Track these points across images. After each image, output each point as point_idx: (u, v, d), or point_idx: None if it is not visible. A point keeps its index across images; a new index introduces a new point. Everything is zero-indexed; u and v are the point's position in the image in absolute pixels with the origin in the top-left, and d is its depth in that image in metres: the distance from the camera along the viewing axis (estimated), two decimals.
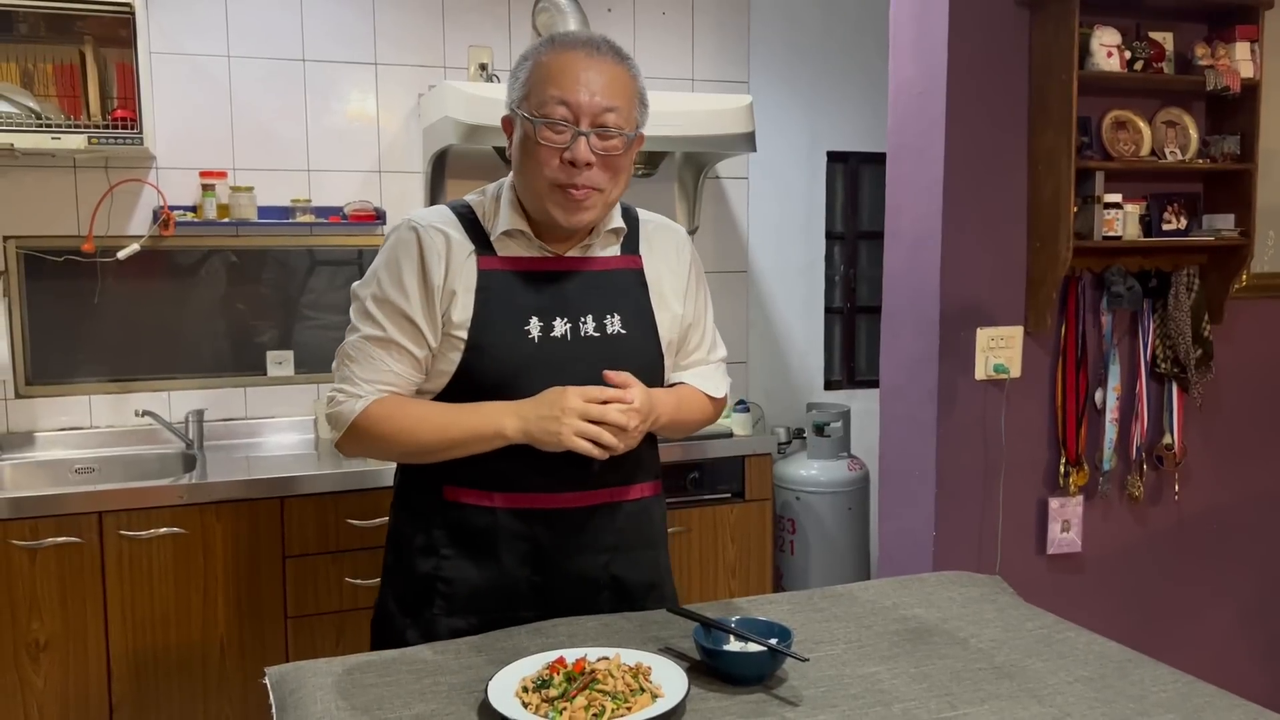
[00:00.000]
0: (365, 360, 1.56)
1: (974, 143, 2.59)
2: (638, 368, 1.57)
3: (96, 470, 3.03)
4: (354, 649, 2.68)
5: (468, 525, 1.57)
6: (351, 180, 3.36)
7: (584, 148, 1.47)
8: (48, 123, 2.78)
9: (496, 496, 1.55)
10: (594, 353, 1.55)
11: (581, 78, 1.47)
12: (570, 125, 1.47)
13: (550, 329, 1.54)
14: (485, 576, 1.57)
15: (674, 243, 1.71)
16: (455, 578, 1.57)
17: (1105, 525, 2.83)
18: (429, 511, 1.60)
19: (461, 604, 1.57)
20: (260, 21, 3.23)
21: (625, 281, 1.62)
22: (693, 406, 1.70)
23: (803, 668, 1.36)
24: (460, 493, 1.57)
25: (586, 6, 3.45)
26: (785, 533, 3.72)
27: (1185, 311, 2.75)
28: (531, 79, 1.50)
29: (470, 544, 1.57)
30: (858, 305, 4.14)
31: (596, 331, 1.57)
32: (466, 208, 1.60)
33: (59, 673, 2.61)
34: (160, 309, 3.20)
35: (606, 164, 1.50)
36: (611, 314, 1.58)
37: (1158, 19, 2.69)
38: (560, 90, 1.46)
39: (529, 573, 1.57)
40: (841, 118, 3.96)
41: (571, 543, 1.58)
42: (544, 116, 1.47)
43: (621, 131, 1.49)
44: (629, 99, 1.51)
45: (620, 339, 1.58)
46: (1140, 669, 1.39)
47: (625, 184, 1.57)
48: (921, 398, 2.67)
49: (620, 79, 1.50)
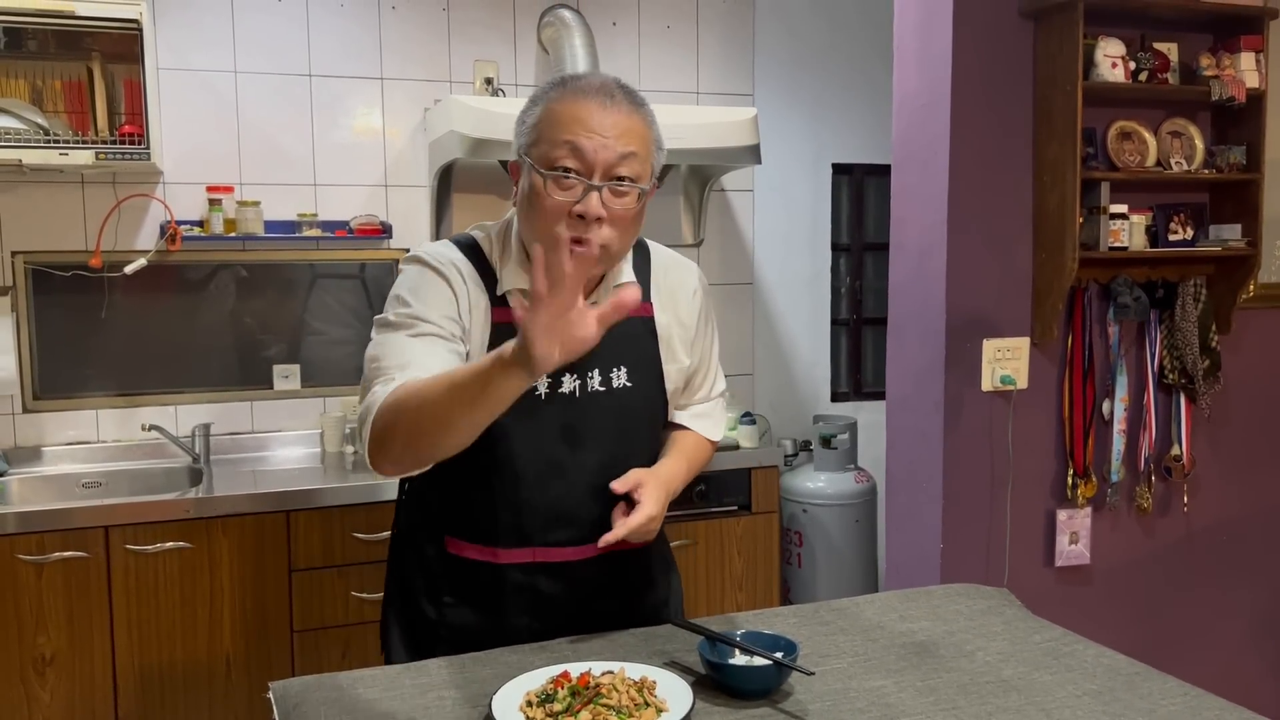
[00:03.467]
0: (395, 351, 1.42)
1: (979, 154, 2.58)
2: (640, 420, 1.57)
3: (103, 484, 3.04)
4: (360, 663, 2.69)
5: (470, 578, 1.55)
6: (358, 194, 3.37)
7: (595, 202, 1.38)
8: (56, 138, 2.80)
9: (500, 553, 1.53)
10: (599, 407, 1.53)
11: (594, 126, 1.38)
12: (581, 179, 1.38)
13: (559, 384, 1.50)
14: (486, 626, 1.55)
15: (687, 287, 1.65)
16: (457, 624, 1.56)
17: (1114, 537, 2.82)
18: (431, 559, 1.58)
19: (463, 650, 1.53)
20: (267, 37, 3.25)
21: (634, 331, 1.56)
22: (697, 460, 1.67)
23: (809, 681, 1.36)
24: (463, 546, 1.55)
25: (591, 20, 3.47)
26: (792, 545, 3.71)
27: (1192, 322, 2.74)
28: (541, 125, 1.42)
29: (472, 595, 1.56)
30: (864, 317, 4.13)
31: (602, 386, 1.53)
32: (475, 247, 1.54)
33: (65, 687, 2.61)
34: (167, 323, 3.21)
35: (617, 220, 1.41)
36: (618, 367, 1.54)
37: (1162, 30, 2.69)
38: (572, 138, 1.38)
39: (529, 621, 1.55)
40: (846, 129, 3.97)
41: (576, 593, 1.56)
42: (553, 169, 1.39)
43: (636, 184, 1.41)
44: (645, 147, 1.43)
45: (626, 392, 1.55)
46: (1149, 682, 1.38)
47: (636, 235, 1.50)
48: (928, 409, 2.66)
49: (635, 127, 1.42)
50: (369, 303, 3.40)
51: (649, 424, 1.59)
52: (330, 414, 3.30)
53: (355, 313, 3.40)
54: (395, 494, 1.72)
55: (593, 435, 1.51)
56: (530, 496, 1.51)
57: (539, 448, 1.49)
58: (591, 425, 1.51)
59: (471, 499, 1.53)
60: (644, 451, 1.59)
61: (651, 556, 1.68)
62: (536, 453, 1.50)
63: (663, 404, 1.62)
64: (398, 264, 1.55)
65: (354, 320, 3.39)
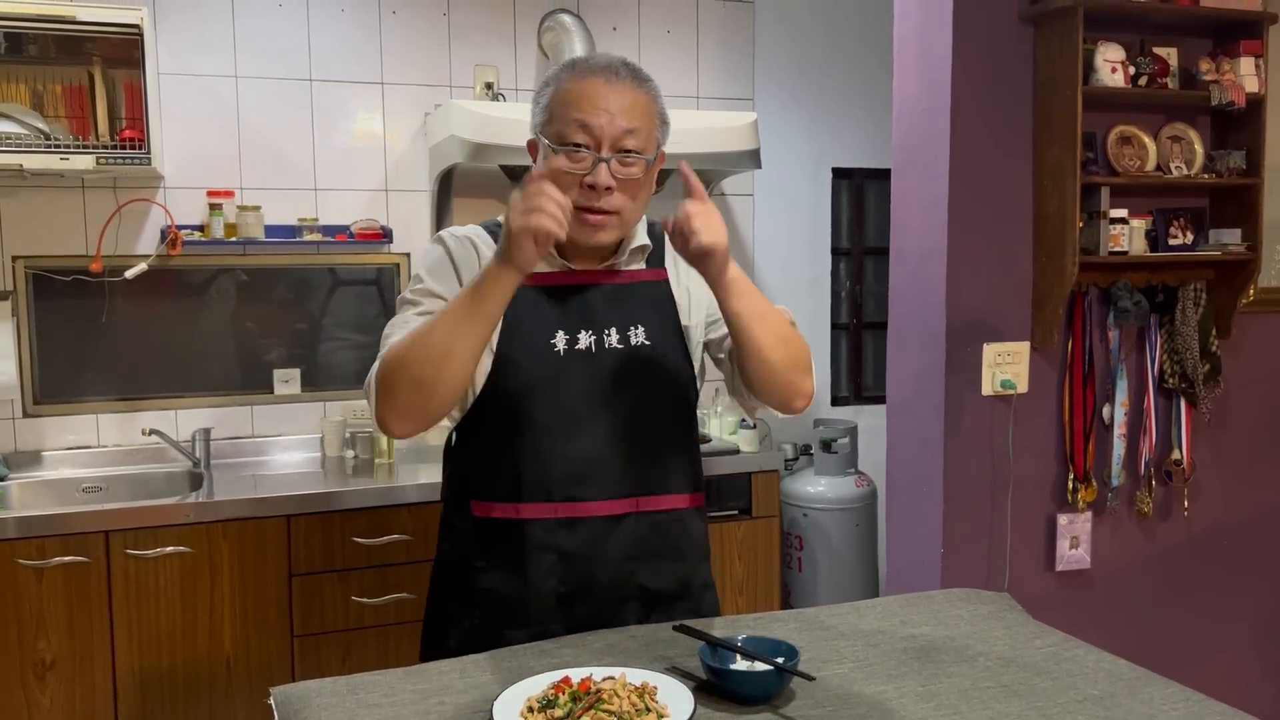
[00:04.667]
0: (401, 325, 1.51)
1: (979, 158, 2.59)
2: (661, 378, 1.61)
3: (104, 489, 3.04)
4: (360, 668, 2.68)
5: (496, 538, 1.60)
6: (358, 199, 3.37)
7: (604, 173, 1.49)
8: (56, 143, 2.80)
9: (523, 508, 1.58)
10: (618, 363, 1.59)
11: (601, 103, 1.49)
12: (591, 151, 1.49)
13: (575, 341, 1.58)
14: (514, 589, 1.59)
15: None
16: (488, 588, 1.61)
17: (1114, 541, 2.82)
18: (461, 528, 1.64)
19: (500, 615, 1.59)
20: (267, 42, 3.25)
21: (650, 294, 1.64)
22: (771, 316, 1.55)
23: (810, 687, 1.35)
24: (488, 507, 1.60)
25: (592, 25, 3.47)
26: (792, 550, 3.71)
27: (1192, 326, 2.74)
28: (552, 104, 1.53)
29: (500, 556, 1.60)
30: (864, 321, 4.14)
31: (620, 343, 1.60)
32: (497, 225, 1.63)
33: (65, 692, 2.60)
34: (168, 328, 3.21)
35: (626, 187, 1.52)
36: (635, 326, 1.61)
37: (1162, 34, 2.69)
38: (581, 115, 1.49)
39: (555, 583, 1.59)
40: (846, 134, 3.97)
41: (596, 551, 1.59)
42: (564, 144, 1.50)
43: (642, 155, 1.52)
44: (649, 121, 1.54)
45: (644, 349, 1.61)
46: (1150, 687, 1.38)
47: (646, 200, 1.60)
48: (928, 414, 2.66)
49: (640, 102, 1.53)
50: (369, 307, 3.40)
51: (670, 382, 1.63)
52: (331, 418, 3.30)
53: (356, 317, 3.40)
54: (396, 500, 1.75)
55: (612, 391, 1.57)
56: (551, 450, 1.56)
57: (559, 403, 1.56)
58: (610, 381, 1.58)
59: (495, 458, 1.59)
60: (665, 408, 1.64)
61: (686, 526, 1.68)
62: (556, 407, 1.56)
63: (685, 363, 1.65)
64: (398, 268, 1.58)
65: (354, 324, 3.39)
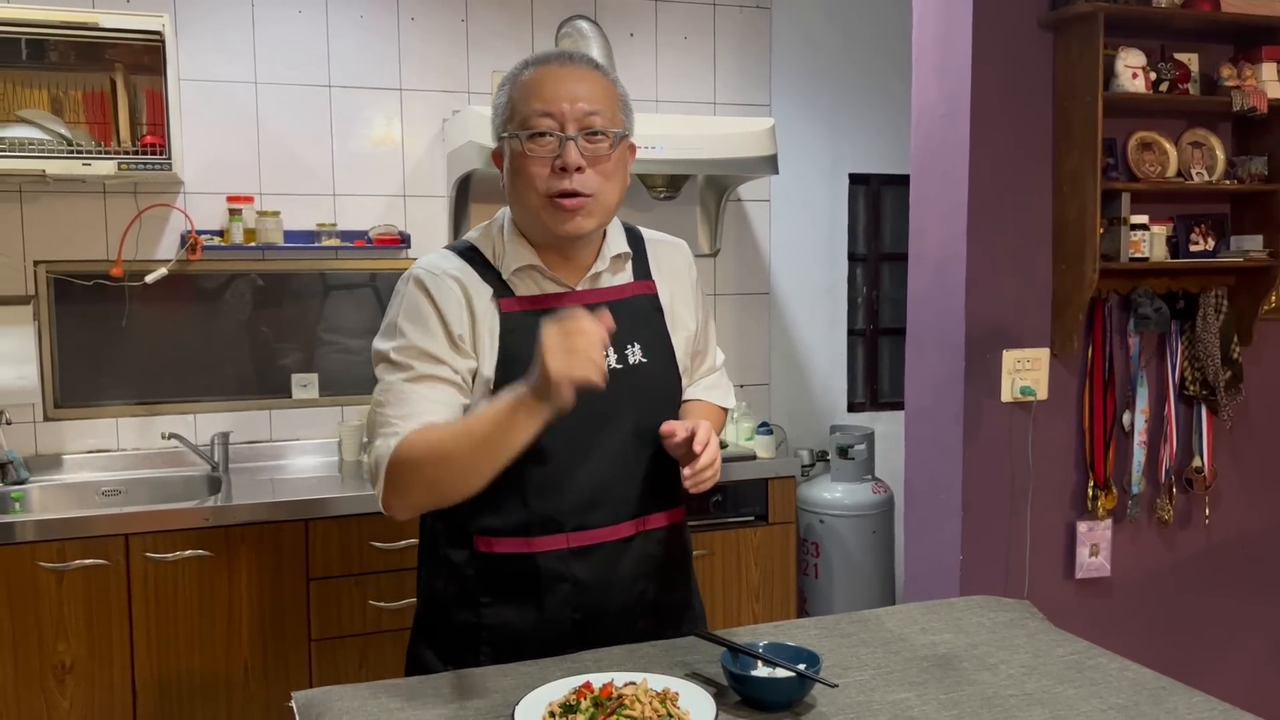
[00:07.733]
0: (398, 399, 1.48)
1: (998, 165, 2.58)
2: (659, 395, 1.59)
3: (123, 493, 3.05)
4: (378, 672, 2.69)
5: (505, 573, 1.55)
6: (376, 204, 3.39)
7: (573, 152, 1.47)
8: (78, 149, 2.82)
9: (534, 541, 1.53)
10: (618, 385, 1.53)
11: (561, 88, 1.48)
12: (557, 133, 1.47)
13: None
14: (528, 621, 1.54)
15: (682, 260, 1.72)
16: (497, 624, 1.55)
17: (1134, 549, 2.80)
18: (461, 564, 1.57)
19: (508, 650, 1.53)
20: (287, 48, 3.27)
21: (641, 308, 1.62)
22: (716, 426, 1.74)
23: (831, 694, 1.35)
24: (494, 543, 1.54)
25: (609, 31, 3.48)
26: (809, 556, 3.69)
27: (1214, 333, 2.72)
28: (513, 99, 1.51)
29: (509, 591, 1.55)
30: (880, 327, 4.12)
31: (619, 363, 1.56)
32: (473, 249, 1.58)
33: (84, 695, 2.62)
34: (187, 332, 3.23)
35: (597, 167, 1.49)
36: (632, 344, 1.58)
37: (1183, 40, 2.68)
38: (542, 103, 1.48)
39: (570, 611, 1.55)
40: (863, 139, 3.96)
41: (610, 575, 1.56)
42: (529, 129, 1.48)
43: (608, 130, 1.50)
44: (610, 102, 1.52)
45: (642, 368, 1.58)
46: (1174, 696, 1.37)
47: (621, 189, 1.56)
48: (947, 420, 2.65)
49: (599, 83, 1.52)
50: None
51: (668, 398, 1.62)
52: (348, 423, 3.31)
53: (373, 322, 3.40)
54: None
55: (617, 413, 1.53)
56: (560, 480, 1.52)
57: (565, 430, 1.48)
58: (614, 403, 1.52)
59: (500, 491, 1.51)
60: (660, 424, 1.59)
61: (680, 537, 1.69)
62: (563, 435, 1.49)
63: (678, 378, 1.65)
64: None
65: (372, 330, 3.36)
